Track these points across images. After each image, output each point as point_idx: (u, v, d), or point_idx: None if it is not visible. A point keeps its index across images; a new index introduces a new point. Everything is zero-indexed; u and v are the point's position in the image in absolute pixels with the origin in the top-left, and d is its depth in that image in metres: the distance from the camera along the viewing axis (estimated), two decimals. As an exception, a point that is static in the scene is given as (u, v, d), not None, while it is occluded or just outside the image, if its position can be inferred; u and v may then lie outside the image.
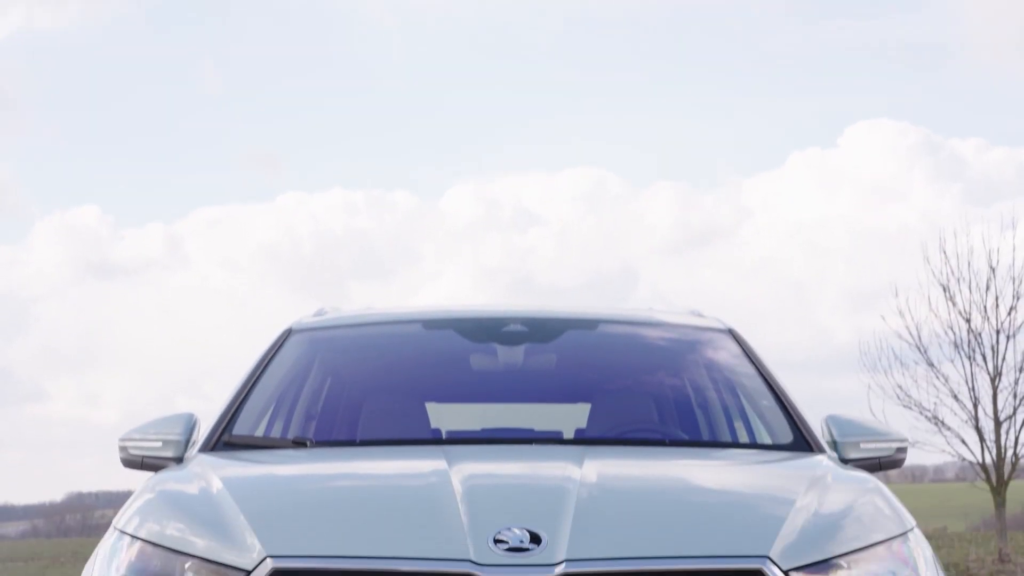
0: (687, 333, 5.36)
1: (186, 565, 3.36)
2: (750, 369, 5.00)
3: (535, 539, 3.24)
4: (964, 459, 21.75)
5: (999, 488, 21.37)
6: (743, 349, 5.11)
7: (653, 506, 3.54)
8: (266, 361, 4.97)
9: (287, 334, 5.19)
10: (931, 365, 21.89)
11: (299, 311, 5.50)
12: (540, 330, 5.28)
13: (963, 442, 21.53)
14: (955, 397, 21.62)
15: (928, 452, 29.21)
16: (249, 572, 3.25)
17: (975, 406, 21.50)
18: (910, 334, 22.10)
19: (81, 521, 63.15)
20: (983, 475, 21.55)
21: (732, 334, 5.23)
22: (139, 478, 4.27)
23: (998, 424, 21.41)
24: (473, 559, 3.19)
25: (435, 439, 4.87)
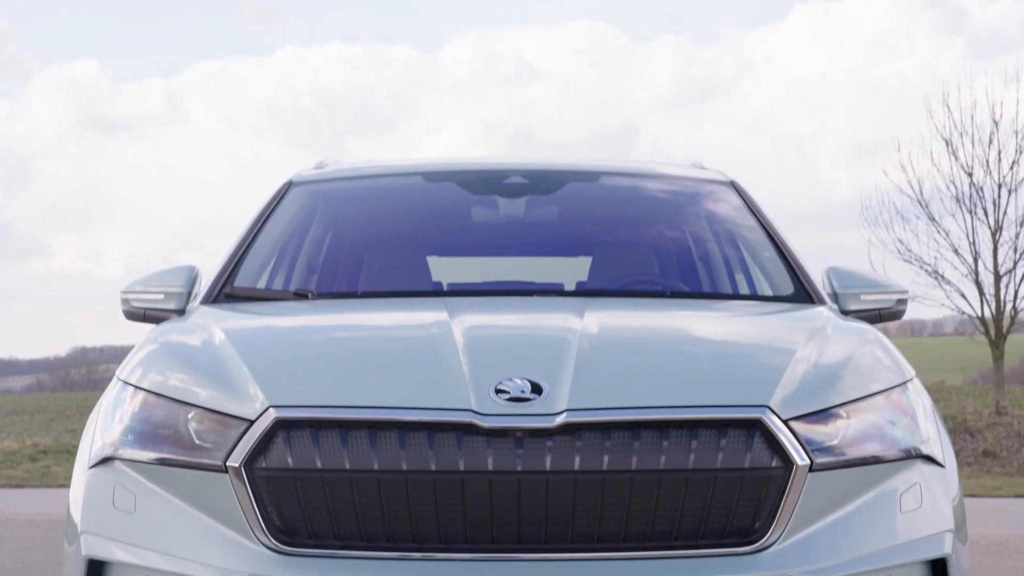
0: (689, 185, 5.33)
1: (189, 415, 3.37)
2: (751, 221, 4.98)
3: (536, 389, 3.25)
4: (963, 313, 21.84)
5: (997, 342, 21.48)
6: (744, 201, 5.08)
7: (653, 356, 3.54)
8: (267, 213, 4.94)
9: (287, 187, 5.15)
10: (932, 219, 21.90)
11: (299, 166, 5.47)
12: (541, 182, 5.25)
13: (963, 296, 21.61)
14: (955, 251, 21.65)
15: (927, 306, 29.40)
16: (252, 422, 3.25)
17: (975, 260, 21.54)
18: (912, 188, 22.09)
19: (86, 375, 63.63)
20: (982, 329, 21.65)
21: (734, 186, 5.20)
22: (142, 331, 4.27)
23: (998, 278, 21.46)
24: (474, 408, 3.20)
25: (436, 291, 4.87)
